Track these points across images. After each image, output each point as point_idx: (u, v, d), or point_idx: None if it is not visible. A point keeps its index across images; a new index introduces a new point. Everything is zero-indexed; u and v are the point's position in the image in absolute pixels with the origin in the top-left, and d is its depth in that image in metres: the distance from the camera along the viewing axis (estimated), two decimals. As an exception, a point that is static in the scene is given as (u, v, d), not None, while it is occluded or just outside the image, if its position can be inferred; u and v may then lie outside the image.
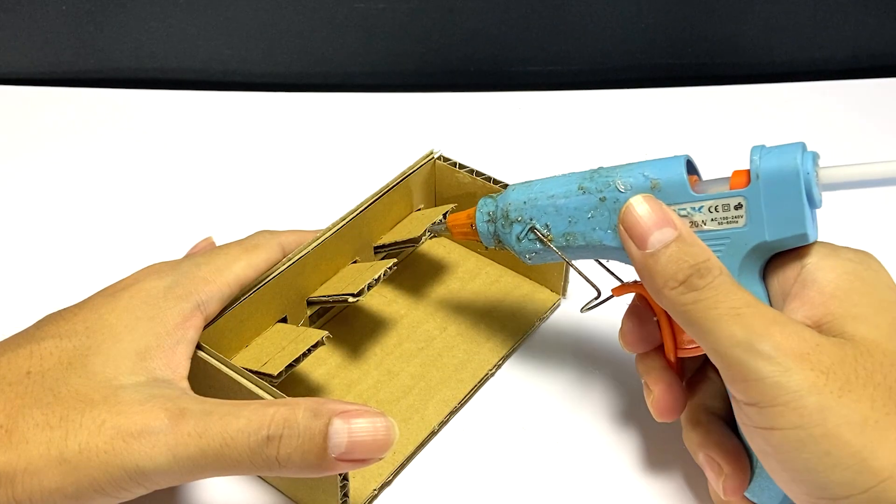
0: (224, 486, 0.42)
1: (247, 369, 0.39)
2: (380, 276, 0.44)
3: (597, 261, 0.41)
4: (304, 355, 0.41)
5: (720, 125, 0.67)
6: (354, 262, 0.49)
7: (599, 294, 0.42)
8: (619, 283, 0.41)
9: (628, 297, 0.41)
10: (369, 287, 0.44)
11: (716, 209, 0.35)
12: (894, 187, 0.34)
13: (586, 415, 0.45)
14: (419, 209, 0.53)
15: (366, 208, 0.48)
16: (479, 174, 0.50)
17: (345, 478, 0.37)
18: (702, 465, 0.38)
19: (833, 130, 0.66)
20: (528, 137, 0.66)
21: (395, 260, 0.46)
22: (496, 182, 0.49)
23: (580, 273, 0.41)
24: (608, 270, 0.42)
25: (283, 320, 0.46)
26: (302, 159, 0.63)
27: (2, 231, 0.57)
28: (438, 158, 0.52)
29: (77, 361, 0.35)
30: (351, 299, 0.44)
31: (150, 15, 0.68)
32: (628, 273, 0.39)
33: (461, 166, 0.51)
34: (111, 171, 0.62)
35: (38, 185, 0.61)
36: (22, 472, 0.32)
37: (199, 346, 0.39)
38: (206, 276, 0.40)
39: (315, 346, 0.41)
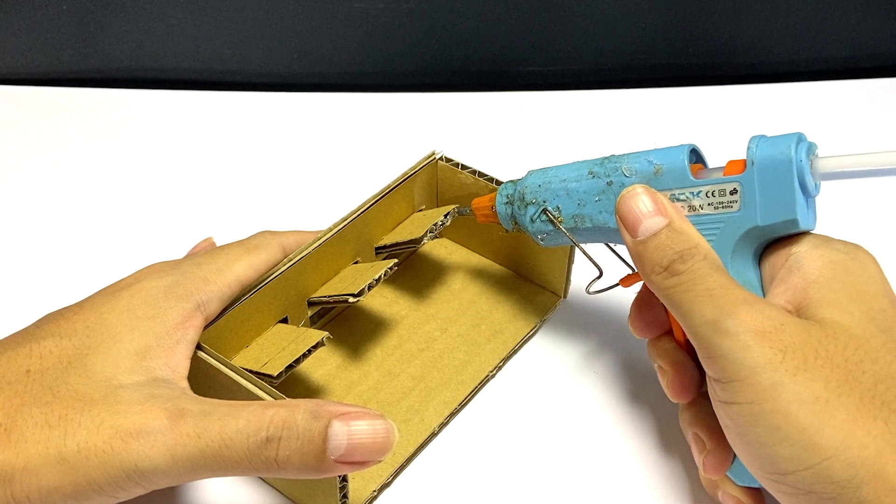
0: (224, 486, 0.42)
1: (247, 370, 0.39)
2: (380, 277, 0.44)
3: (608, 246, 0.43)
4: (305, 356, 0.41)
5: (720, 125, 0.67)
6: (356, 262, 0.49)
7: (601, 273, 0.43)
8: (628, 271, 0.42)
9: (632, 290, 0.42)
10: (370, 287, 0.44)
11: (712, 194, 0.37)
12: (890, 179, 0.34)
13: (586, 415, 0.45)
14: (421, 210, 0.52)
15: (367, 209, 0.48)
16: (481, 175, 0.50)
17: (344, 479, 0.37)
18: (690, 444, 0.39)
19: (833, 130, 0.66)
20: (528, 137, 0.66)
21: (396, 260, 0.45)
22: (498, 183, 0.49)
23: (584, 252, 0.42)
24: (619, 256, 0.42)
25: (284, 321, 0.45)
26: (302, 159, 0.63)
27: (2, 231, 0.57)
28: (440, 159, 0.51)
29: (77, 360, 0.35)
30: (351, 300, 0.44)
31: (150, 15, 0.68)
32: None
33: (463, 167, 0.51)
34: (111, 171, 0.62)
35: (38, 185, 0.61)
36: (20, 471, 0.32)
37: (199, 346, 0.39)
38: (207, 276, 0.40)
39: (315, 346, 0.41)
